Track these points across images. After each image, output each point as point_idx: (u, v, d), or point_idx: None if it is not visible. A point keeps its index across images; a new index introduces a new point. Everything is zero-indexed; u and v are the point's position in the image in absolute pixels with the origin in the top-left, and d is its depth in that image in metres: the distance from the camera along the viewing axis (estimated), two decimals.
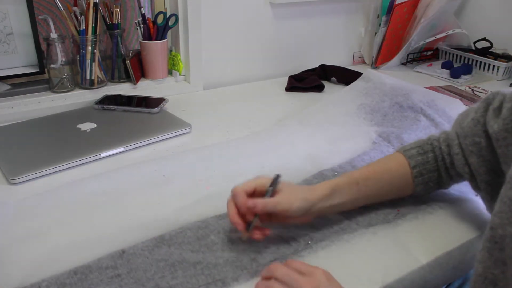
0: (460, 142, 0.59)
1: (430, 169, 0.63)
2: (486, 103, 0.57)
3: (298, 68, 1.25)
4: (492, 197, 0.57)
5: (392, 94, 0.96)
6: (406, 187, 0.64)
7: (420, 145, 0.65)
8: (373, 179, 0.62)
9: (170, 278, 0.50)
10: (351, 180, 0.61)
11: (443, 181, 0.64)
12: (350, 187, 0.60)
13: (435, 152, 0.64)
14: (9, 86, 0.95)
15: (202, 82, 1.13)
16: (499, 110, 0.54)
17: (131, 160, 0.76)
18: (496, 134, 0.52)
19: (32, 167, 0.70)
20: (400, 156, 0.64)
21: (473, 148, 0.57)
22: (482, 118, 0.56)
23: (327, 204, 0.57)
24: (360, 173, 0.62)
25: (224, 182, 0.70)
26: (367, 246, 0.57)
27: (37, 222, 0.59)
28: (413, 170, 0.63)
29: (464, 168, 0.59)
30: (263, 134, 0.87)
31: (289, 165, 0.76)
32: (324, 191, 0.57)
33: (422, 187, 0.64)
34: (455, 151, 0.60)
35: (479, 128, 0.56)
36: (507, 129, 0.51)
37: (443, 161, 0.63)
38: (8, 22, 0.93)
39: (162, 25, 1.04)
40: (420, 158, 0.63)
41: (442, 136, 0.65)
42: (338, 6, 1.31)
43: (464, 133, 0.59)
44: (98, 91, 1.00)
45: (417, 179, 0.63)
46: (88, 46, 0.97)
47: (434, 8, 1.25)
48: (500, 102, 0.54)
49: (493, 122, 0.53)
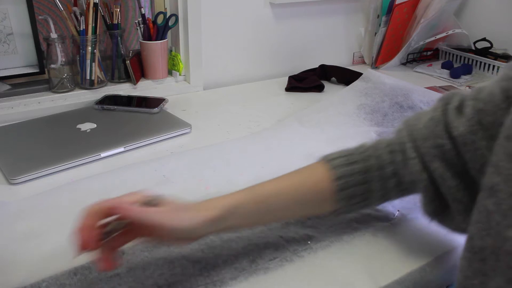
0: (417, 146, 0.52)
1: (357, 182, 0.54)
2: (444, 102, 0.52)
3: (298, 68, 1.25)
4: (463, 205, 0.49)
5: (392, 94, 0.96)
6: (325, 203, 0.55)
7: (347, 154, 0.56)
8: (284, 195, 0.53)
9: (169, 275, 0.50)
10: (256, 196, 0.51)
11: (373, 197, 0.55)
12: (253, 205, 0.51)
13: (368, 161, 0.55)
14: (9, 86, 0.95)
15: (202, 82, 1.13)
16: (460, 109, 0.49)
17: (131, 160, 0.76)
18: (463, 137, 0.47)
19: (32, 167, 0.70)
20: (323, 166, 0.55)
21: (436, 151, 0.49)
22: (442, 118, 0.50)
23: (221, 226, 0.48)
24: (268, 188, 0.53)
25: (224, 182, 0.70)
26: (367, 246, 0.57)
27: (37, 222, 0.59)
28: (336, 182, 0.54)
29: (422, 174, 0.51)
30: (263, 134, 0.87)
31: (289, 165, 0.75)
32: (217, 211, 0.47)
33: (344, 203, 0.54)
34: (410, 155, 0.52)
35: (441, 129, 0.49)
36: (473, 131, 0.46)
37: (380, 171, 0.54)
38: (8, 22, 0.93)
39: (162, 25, 1.04)
40: (346, 169, 0.54)
41: (381, 143, 0.56)
42: (338, 6, 1.31)
43: (422, 135, 0.51)
44: (98, 91, 1.00)
45: (340, 193, 0.54)
46: (88, 46, 0.97)
47: (434, 8, 1.25)
48: (459, 101, 0.50)
49: (457, 123, 0.48)
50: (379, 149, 0.56)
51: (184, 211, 0.47)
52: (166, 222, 0.44)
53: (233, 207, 0.49)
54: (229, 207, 0.48)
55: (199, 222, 0.46)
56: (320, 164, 0.56)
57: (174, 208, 0.46)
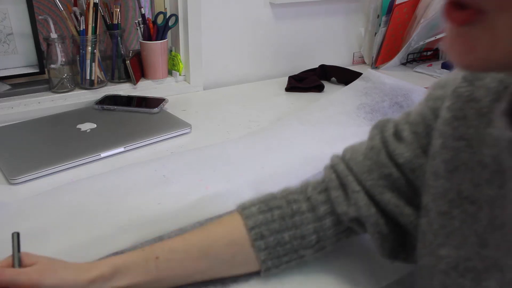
0: (361, 179, 0.47)
1: (276, 229, 0.49)
2: (379, 130, 0.49)
3: (298, 68, 1.25)
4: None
5: (392, 94, 0.96)
6: (247, 258, 0.49)
7: (263, 201, 0.51)
8: (181, 252, 0.47)
9: None
10: (148, 254, 0.47)
11: (305, 245, 0.49)
12: (143, 264, 0.46)
13: (291, 205, 0.50)
14: (9, 86, 0.95)
15: (202, 82, 1.13)
16: (398, 135, 0.46)
17: (131, 160, 0.76)
18: (410, 164, 0.44)
19: (32, 167, 0.70)
20: (236, 216, 0.51)
21: (385, 182, 0.46)
22: (382, 146, 0.47)
23: (109, 286, 0.44)
24: (164, 244, 0.48)
25: (224, 182, 0.70)
26: (367, 246, 0.57)
27: (37, 222, 0.59)
28: (250, 232, 0.48)
29: (370, 209, 0.46)
30: (263, 134, 0.87)
31: (288, 165, 0.76)
32: (102, 270, 0.44)
33: (266, 255, 0.48)
34: (354, 189, 0.47)
35: (385, 158, 0.46)
36: (418, 155, 0.44)
37: (312, 213, 0.50)
38: (8, 22, 0.93)
39: (162, 25, 1.04)
40: (261, 217, 0.49)
41: (307, 185, 0.52)
42: (338, 6, 1.31)
43: (365, 167, 0.47)
44: (98, 91, 1.00)
45: (257, 243, 0.48)
46: (88, 46, 0.97)
47: (434, 8, 1.25)
48: (394, 127, 0.47)
49: (400, 149, 0.45)
50: (307, 191, 0.51)
51: (64, 269, 0.43)
52: (45, 281, 0.41)
53: (122, 262, 0.45)
54: (119, 264, 0.45)
55: (84, 280, 0.42)
56: (234, 214, 0.51)
57: (52, 266, 0.43)
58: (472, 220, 0.36)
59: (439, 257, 0.38)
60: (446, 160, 0.39)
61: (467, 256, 0.36)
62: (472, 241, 0.36)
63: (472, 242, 0.36)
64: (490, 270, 0.34)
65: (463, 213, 0.37)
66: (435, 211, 0.39)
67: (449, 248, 0.37)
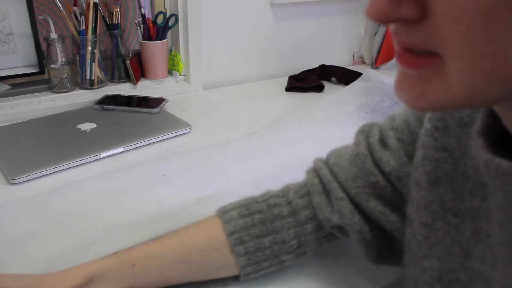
0: (346, 186, 0.46)
1: (256, 234, 0.48)
2: (364, 135, 0.48)
3: (298, 68, 1.25)
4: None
5: (392, 94, 0.96)
6: (226, 262, 0.48)
7: (244, 204, 0.50)
8: (159, 258, 0.46)
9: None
10: (124, 261, 0.45)
11: (286, 250, 0.49)
12: (119, 271, 0.45)
13: (271, 211, 0.49)
14: (9, 86, 0.95)
15: (202, 82, 1.13)
16: (384, 142, 0.46)
17: (131, 160, 0.76)
18: (396, 172, 0.43)
19: (32, 167, 0.70)
20: (216, 220, 0.49)
21: (370, 190, 0.45)
22: (368, 153, 0.46)
23: None
24: (141, 250, 0.47)
25: (224, 182, 0.70)
26: None
27: (37, 222, 0.59)
28: (230, 237, 0.47)
29: (354, 216, 0.45)
30: (263, 134, 0.87)
31: (288, 165, 0.76)
32: (76, 281, 0.42)
33: (246, 260, 0.48)
34: (338, 195, 0.46)
35: (370, 166, 0.45)
36: (404, 163, 0.43)
37: (293, 217, 0.49)
38: (8, 22, 0.93)
39: (162, 25, 1.04)
40: (241, 222, 0.48)
41: (289, 188, 0.51)
42: (338, 6, 1.31)
43: (349, 174, 0.46)
44: (98, 91, 1.00)
45: (236, 248, 0.47)
46: (88, 46, 0.97)
47: None
48: (379, 132, 0.46)
49: (386, 157, 0.44)
50: (288, 195, 0.50)
51: (35, 283, 0.43)
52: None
53: (97, 271, 0.44)
54: (93, 272, 0.44)
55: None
56: (213, 217, 0.50)
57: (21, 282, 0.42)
58: (455, 231, 0.35)
59: (423, 269, 0.38)
60: (427, 171, 0.38)
61: (451, 268, 0.35)
62: (455, 253, 0.35)
63: (456, 254, 0.35)
64: (475, 282, 0.34)
65: (446, 225, 0.36)
66: (418, 222, 0.39)
67: (432, 259, 0.37)
